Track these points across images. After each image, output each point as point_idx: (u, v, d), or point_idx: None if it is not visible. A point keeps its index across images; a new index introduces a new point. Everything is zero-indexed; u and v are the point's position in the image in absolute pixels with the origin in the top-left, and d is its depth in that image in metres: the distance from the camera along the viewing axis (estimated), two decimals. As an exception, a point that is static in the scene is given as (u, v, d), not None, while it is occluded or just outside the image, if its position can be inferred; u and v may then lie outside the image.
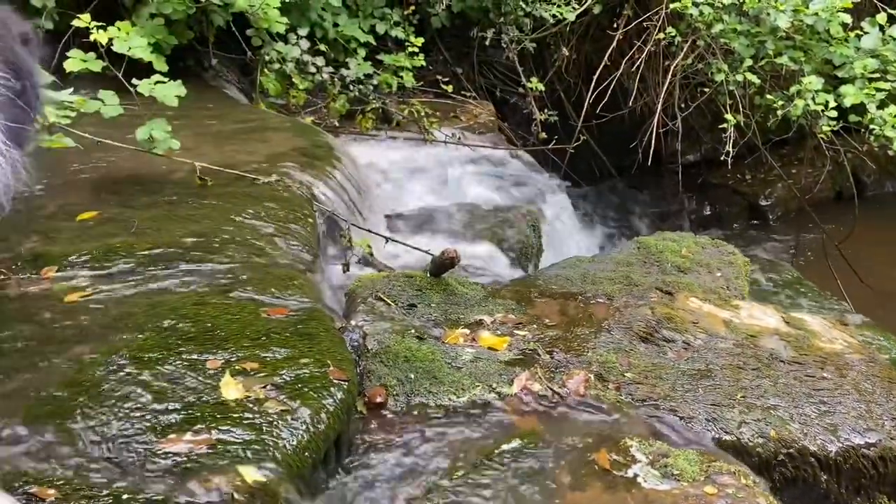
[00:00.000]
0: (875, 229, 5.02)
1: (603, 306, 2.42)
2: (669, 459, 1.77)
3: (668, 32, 3.77)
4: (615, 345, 2.24)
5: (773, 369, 2.23)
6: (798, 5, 3.57)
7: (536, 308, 2.42)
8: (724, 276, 2.87)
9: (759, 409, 2.08)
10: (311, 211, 2.59)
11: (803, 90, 3.51)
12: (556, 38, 4.42)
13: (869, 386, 2.24)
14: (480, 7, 4.32)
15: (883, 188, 5.51)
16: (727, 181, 5.31)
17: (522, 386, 2.03)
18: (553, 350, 2.20)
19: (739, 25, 3.60)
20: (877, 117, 3.48)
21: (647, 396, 2.07)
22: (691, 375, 2.16)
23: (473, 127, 3.99)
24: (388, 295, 2.31)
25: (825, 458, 2.04)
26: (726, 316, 2.42)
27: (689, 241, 3.09)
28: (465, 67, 4.62)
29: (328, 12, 4.03)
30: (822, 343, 2.41)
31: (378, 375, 2.03)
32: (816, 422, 2.09)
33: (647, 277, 2.75)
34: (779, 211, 5.21)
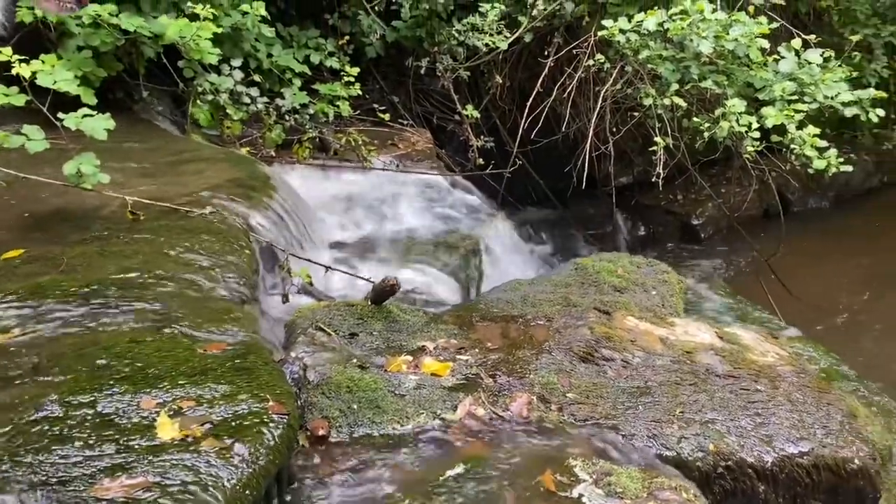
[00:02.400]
0: (802, 244, 5.22)
1: (543, 328, 2.45)
2: (612, 478, 1.79)
3: (597, 59, 3.88)
4: (556, 366, 2.26)
5: (709, 384, 2.29)
6: (719, 32, 3.71)
7: (478, 332, 2.43)
8: (659, 295, 2.94)
9: (698, 424, 2.12)
10: (248, 242, 2.56)
11: (727, 112, 3.64)
12: (490, 66, 4.49)
13: (800, 396, 2.32)
14: (414, 37, 4.37)
15: (807, 205, 5.75)
16: (660, 202, 5.46)
17: (466, 411, 2.04)
18: (496, 373, 2.21)
19: (665, 51, 3.72)
20: (796, 137, 3.63)
21: (588, 416, 2.09)
22: (631, 393, 2.19)
23: (411, 154, 4.02)
24: (328, 325, 2.29)
25: (762, 468, 2.09)
26: (662, 333, 2.48)
27: (625, 261, 3.17)
28: (402, 96, 4.66)
29: (262, 43, 4.02)
30: (755, 356, 2.49)
31: (320, 407, 2.00)
32: (752, 433, 2.14)
33: (585, 298, 2.81)
34: (710, 229, 5.37)
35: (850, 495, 2.21)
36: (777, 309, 4.16)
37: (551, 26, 4.28)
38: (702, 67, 3.76)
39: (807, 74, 3.75)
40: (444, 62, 4.28)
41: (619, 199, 5.38)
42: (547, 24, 4.26)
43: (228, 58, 3.79)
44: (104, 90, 3.53)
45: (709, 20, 3.63)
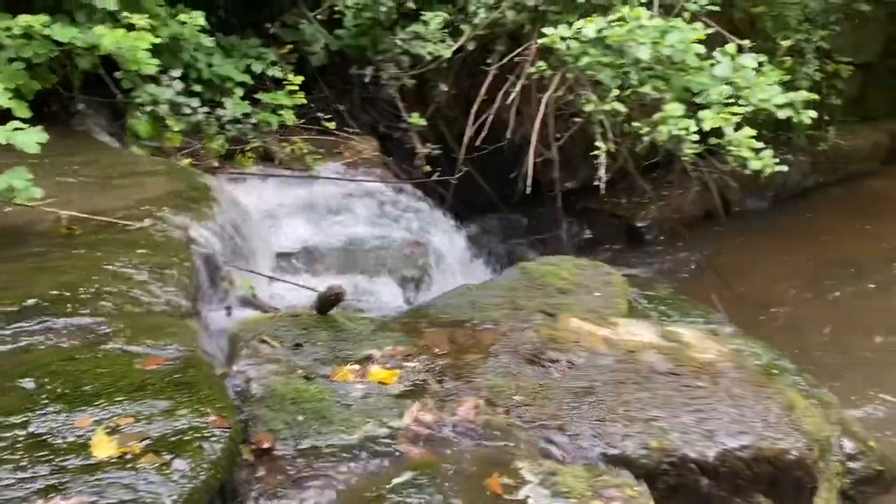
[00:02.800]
0: (743, 243, 5.37)
1: (490, 332, 2.47)
2: (558, 478, 1.81)
3: (538, 66, 3.93)
4: (503, 369, 2.28)
5: (652, 382, 2.33)
6: (657, 38, 3.79)
7: (426, 338, 2.43)
8: (603, 296, 2.99)
9: (641, 422, 2.16)
10: (189, 255, 2.51)
11: (666, 116, 3.71)
12: (435, 74, 4.51)
13: (740, 391, 2.38)
14: (358, 45, 4.37)
15: (746, 205, 5.90)
16: (605, 206, 5.54)
17: (414, 417, 2.03)
18: (443, 379, 2.21)
19: (604, 58, 3.79)
20: (733, 139, 3.72)
21: (535, 417, 2.11)
22: (576, 393, 2.22)
23: (358, 162, 4.00)
24: (272, 336, 2.26)
25: (704, 463, 2.13)
26: (606, 333, 2.52)
27: (570, 263, 3.21)
28: (348, 104, 4.64)
29: (201, 53, 3.96)
30: (696, 353, 2.54)
31: (264, 420, 1.97)
32: (694, 429, 2.19)
33: (531, 301, 2.83)
34: (654, 231, 5.47)
35: (788, 486, 2.27)
36: (720, 307, 4.26)
37: (494, 34, 4.32)
38: (641, 73, 3.84)
39: (742, 78, 3.85)
40: (388, 70, 4.28)
41: (565, 204, 5.45)
42: (489, 32, 4.30)
43: (167, 68, 3.73)
44: (39, 103, 3.43)
45: (646, 26, 3.71)
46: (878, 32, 6.78)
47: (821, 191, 6.20)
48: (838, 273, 4.96)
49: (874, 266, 5.05)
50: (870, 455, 2.92)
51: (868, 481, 2.88)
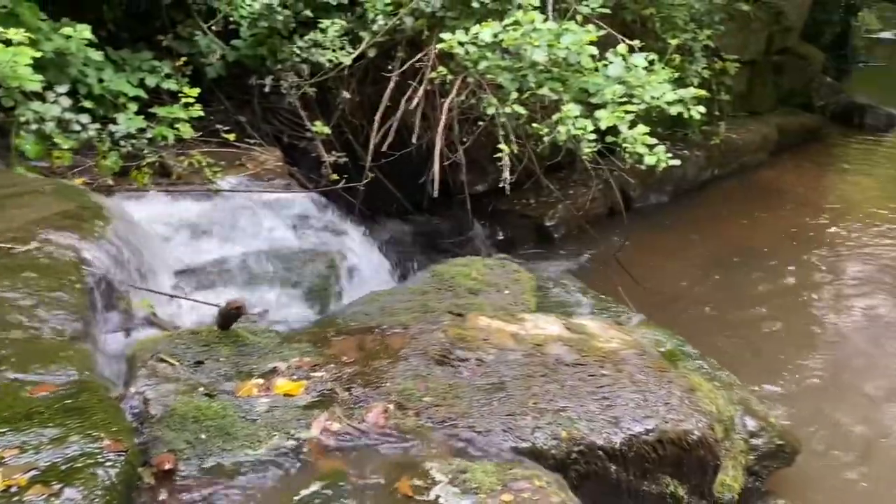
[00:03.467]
0: (646, 237, 5.55)
1: (399, 336, 2.46)
2: (468, 475, 1.82)
3: (439, 71, 3.96)
4: (413, 371, 2.27)
5: (559, 373, 2.38)
6: (551, 41, 3.87)
7: (334, 347, 2.41)
8: (511, 293, 3.04)
9: (550, 413, 2.20)
10: (80, 276, 2.40)
11: (564, 117, 3.79)
12: (337, 81, 4.48)
13: (643, 377, 2.46)
14: (256, 55, 4.29)
15: (648, 200, 6.11)
16: (514, 206, 5.63)
17: (322, 427, 2.00)
18: (351, 386, 2.19)
19: (503, 62, 3.85)
20: (628, 136, 3.83)
21: (446, 417, 2.12)
22: (486, 390, 2.24)
23: (261, 174, 3.93)
24: (171, 355, 2.19)
25: (612, 449, 2.20)
26: (514, 329, 2.55)
27: (479, 264, 3.25)
28: (249, 115, 4.55)
29: (91, 67, 3.81)
30: (601, 343, 2.61)
31: (165, 441, 1.91)
32: (601, 417, 2.25)
33: (442, 303, 2.85)
34: (562, 229, 5.59)
35: (693, 465, 2.36)
36: (626, 298, 4.39)
37: (394, 41, 4.33)
38: (538, 75, 3.91)
39: (634, 77, 3.97)
40: (288, 79, 4.22)
41: (476, 207, 5.51)
42: (389, 38, 4.30)
43: (53, 84, 3.56)
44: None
45: (541, 30, 3.78)
46: (761, 31, 7.18)
47: (716, 183, 6.48)
48: (735, 260, 5.19)
49: (768, 251, 5.32)
50: (771, 431, 3.06)
51: (770, 456, 3.03)
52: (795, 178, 6.65)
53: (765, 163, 6.92)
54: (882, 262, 5.23)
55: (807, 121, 7.70)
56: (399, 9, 4.18)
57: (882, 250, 5.38)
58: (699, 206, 6.09)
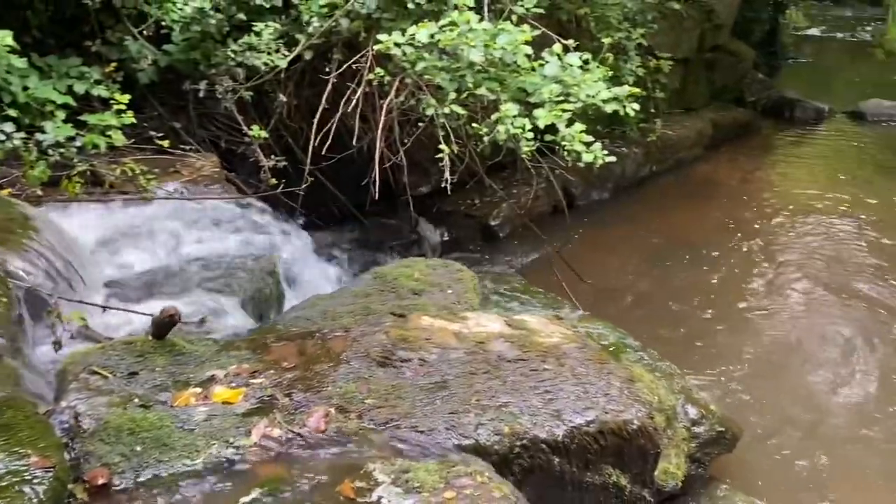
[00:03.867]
0: (589, 233, 5.64)
1: (340, 339, 2.44)
2: (411, 474, 1.82)
3: (376, 73, 3.95)
4: (354, 374, 2.26)
5: (501, 370, 2.39)
6: (487, 41, 3.90)
7: (273, 353, 2.38)
8: (454, 293, 3.04)
9: (493, 409, 2.21)
10: (6, 289, 2.32)
11: (503, 116, 3.82)
12: (274, 85, 4.43)
13: (583, 370, 2.49)
14: (189, 60, 4.21)
15: (590, 198, 6.20)
16: (459, 207, 5.65)
17: (262, 434, 1.98)
18: (292, 392, 2.17)
19: (440, 62, 3.86)
20: (566, 135, 3.88)
21: (388, 418, 2.11)
22: (429, 390, 2.24)
23: (197, 180, 3.85)
24: (104, 367, 2.13)
25: (554, 442, 2.22)
26: (456, 328, 2.56)
27: (421, 265, 3.25)
28: (184, 121, 4.46)
29: (14, 75, 3.68)
30: (542, 338, 2.63)
31: (99, 455, 1.85)
32: (543, 410, 2.27)
33: (384, 305, 2.84)
34: (507, 228, 5.63)
35: (634, 454, 2.40)
36: (570, 294, 4.46)
37: (330, 43, 4.30)
38: (476, 75, 3.93)
39: (570, 76, 4.02)
40: (223, 84, 4.15)
41: (421, 208, 5.51)
42: (326, 40, 4.27)
43: (-28, 93, 3.44)
44: None
45: (476, 30, 3.81)
46: (693, 30, 7.36)
47: (654, 179, 6.62)
48: (674, 253, 5.31)
49: (706, 244, 5.46)
50: (711, 419, 3.15)
51: (712, 443, 3.11)
52: (730, 171, 6.84)
53: (700, 157, 7.10)
54: (816, 251, 5.42)
55: (739, 116, 7.93)
56: (334, 11, 4.15)
57: (815, 239, 5.58)
58: (639, 201, 6.21)
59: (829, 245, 5.49)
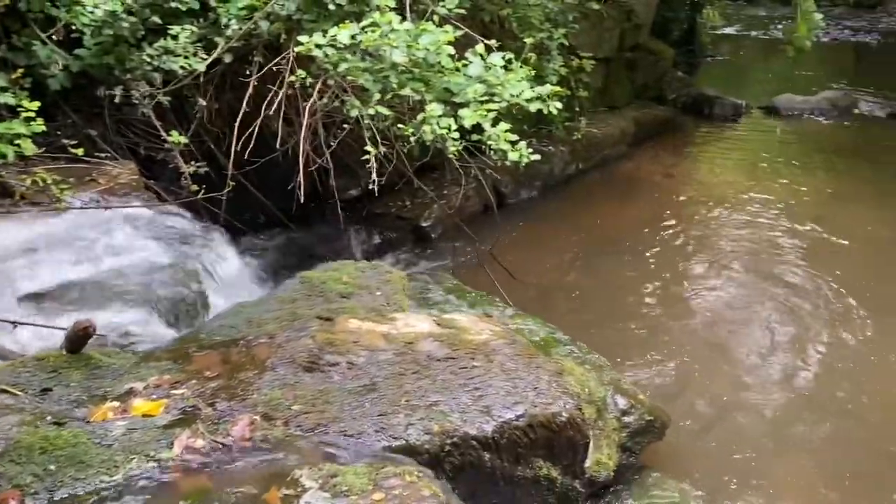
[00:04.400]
0: (519, 232, 5.70)
1: (265, 346, 2.40)
2: (339, 478, 1.79)
3: (298, 75, 3.90)
4: (280, 381, 2.22)
5: (431, 369, 2.39)
6: (410, 42, 3.90)
7: (196, 363, 2.32)
8: (383, 295, 3.03)
9: (423, 409, 2.21)
10: None
11: (428, 117, 3.82)
12: (194, 89, 4.32)
13: (513, 365, 2.51)
14: (102, 65, 4.06)
15: (519, 196, 6.27)
16: (390, 209, 5.63)
17: (184, 446, 1.92)
18: (215, 401, 2.12)
19: (363, 63, 3.83)
20: (492, 134, 3.91)
21: (316, 424, 2.08)
22: (357, 393, 2.22)
23: (115, 189, 3.72)
24: (13, 385, 2.03)
25: (484, 438, 2.23)
26: (384, 330, 2.55)
27: (350, 268, 3.22)
28: (100, 128, 4.30)
29: (-89, 83, 3.48)
30: (472, 336, 2.64)
31: (9, 476, 1.77)
32: (473, 407, 2.28)
33: (311, 310, 2.80)
34: (439, 229, 5.64)
35: (564, 446, 2.44)
36: (502, 292, 4.50)
37: (250, 45, 4.22)
38: (400, 76, 3.92)
39: (493, 76, 4.06)
40: (139, 89, 4.02)
41: (350, 211, 5.46)
42: (245, 43, 4.19)
43: None
44: None
45: (398, 31, 3.80)
46: (614, 29, 7.54)
47: (581, 176, 6.74)
48: (602, 248, 5.42)
49: (633, 238, 5.59)
50: (640, 408, 3.22)
51: (642, 432, 3.18)
52: (653, 167, 7.03)
53: (625, 155, 7.26)
54: (736, 240, 5.62)
55: (660, 113, 8.15)
56: (253, 13, 4.07)
57: (737, 230, 5.78)
58: (567, 199, 6.31)
59: (749, 233, 5.70)
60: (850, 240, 5.56)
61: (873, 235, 5.66)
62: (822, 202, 6.26)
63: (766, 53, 12.45)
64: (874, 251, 5.43)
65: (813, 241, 5.54)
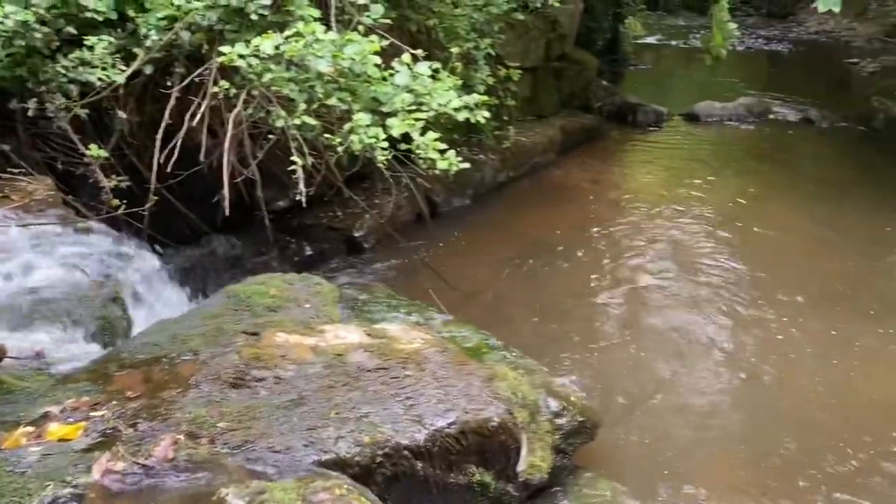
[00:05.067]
0: (453, 240, 5.73)
1: (189, 363, 2.34)
2: (266, 495, 1.76)
3: (221, 85, 3.83)
4: (205, 398, 2.17)
5: (361, 380, 2.38)
6: (335, 52, 3.88)
7: (117, 383, 2.24)
8: (313, 307, 3.00)
9: (353, 421, 2.19)
10: None
11: (356, 126, 3.81)
12: (113, 101, 4.19)
13: (444, 372, 2.52)
14: (14, 77, 3.90)
15: (451, 205, 6.30)
16: (321, 220, 5.57)
17: (103, 469, 1.85)
18: (137, 422, 2.05)
19: (287, 73, 3.79)
20: (421, 143, 3.93)
21: (243, 441, 2.04)
22: (285, 408, 2.19)
23: (30, 205, 3.57)
24: (-85, 414, 1.92)
25: (417, 447, 2.23)
26: (313, 342, 2.52)
27: (277, 280, 3.17)
28: (13, 142, 4.12)
29: None
30: (403, 345, 2.64)
31: (-89, 513, 1.67)
32: (404, 417, 2.27)
33: (238, 324, 2.75)
34: (372, 239, 5.61)
35: (496, 451, 2.46)
36: (437, 300, 4.51)
37: (171, 56, 4.12)
38: (326, 86, 3.90)
39: (421, 86, 4.08)
40: (55, 102, 3.88)
41: (280, 223, 5.39)
42: (167, 54, 4.09)
43: None
44: None
45: (323, 41, 3.78)
46: (540, 39, 7.68)
47: (512, 184, 6.84)
48: (534, 254, 5.50)
49: (564, 243, 5.69)
50: (573, 410, 3.26)
51: (574, 433, 3.23)
52: (582, 174, 7.18)
53: (554, 162, 7.40)
54: (665, 243, 5.77)
55: (587, 121, 8.34)
56: (174, 23, 3.98)
57: (663, 232, 5.95)
58: (498, 206, 6.38)
59: (675, 235, 5.88)
60: (770, 237, 5.80)
61: (790, 233, 5.92)
62: (742, 203, 6.51)
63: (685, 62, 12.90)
64: (792, 248, 5.68)
65: (734, 240, 5.76)
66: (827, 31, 15.44)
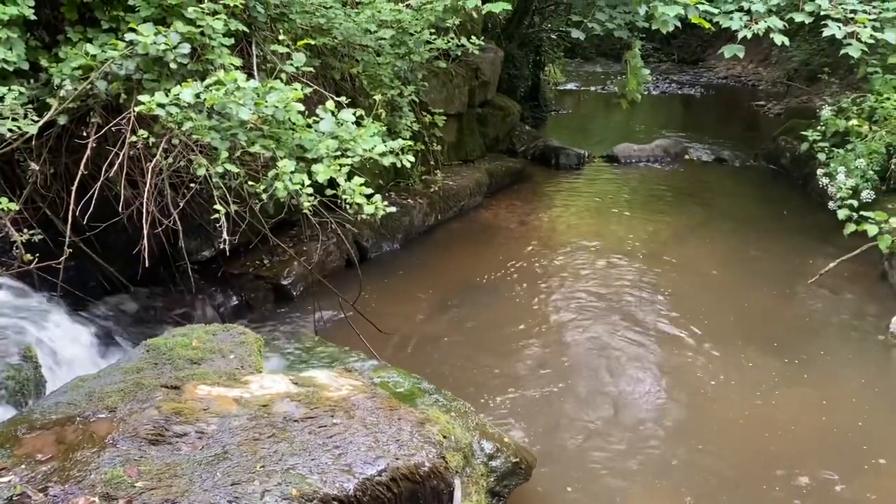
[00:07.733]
0: (383, 284, 5.71)
1: (106, 422, 2.24)
2: (187, 556, 1.69)
3: (139, 135, 3.76)
4: (122, 457, 2.07)
5: (288, 431, 2.32)
6: (257, 100, 3.87)
7: (26, 446, 2.12)
8: (237, 358, 2.92)
9: (279, 473, 2.13)
10: None
11: (280, 173, 3.79)
12: (26, 153, 4.05)
13: (374, 419, 2.48)
14: (-83, 127, 3.74)
15: (381, 249, 6.30)
16: (248, 269, 5.47)
17: (9, 540, 1.74)
18: (48, 486, 1.94)
19: (209, 121, 3.76)
20: (347, 188, 3.93)
21: (163, 500, 1.95)
22: (208, 463, 2.11)
23: (-68, 262, 3.39)
24: None
25: (346, 497, 2.18)
26: (236, 394, 2.45)
27: (200, 332, 3.09)
28: (-85, 197, 3.92)
29: None
30: (331, 393, 2.60)
31: None
32: (333, 467, 2.22)
33: (159, 378, 2.65)
34: (300, 286, 5.54)
35: (428, 496, 2.42)
36: (368, 345, 4.46)
37: (87, 106, 4.03)
38: (249, 133, 3.88)
39: (345, 132, 4.10)
40: (-39, 154, 3.73)
41: (205, 273, 5.27)
42: (82, 104, 3.99)
43: None
44: None
45: (244, 88, 3.77)
46: (463, 86, 7.86)
47: (440, 227, 6.90)
48: (464, 295, 5.54)
49: (492, 284, 5.75)
50: (506, 451, 3.26)
51: (509, 475, 3.22)
52: (508, 215, 7.31)
53: (481, 205, 7.52)
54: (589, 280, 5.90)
55: (512, 165, 8.53)
56: (89, 73, 3.91)
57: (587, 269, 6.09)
58: (428, 250, 6.42)
59: (598, 271, 6.03)
60: (688, 272, 6.01)
61: (709, 266, 6.14)
62: (661, 240, 6.73)
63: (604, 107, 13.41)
64: (709, 282, 5.89)
65: (654, 275, 5.93)
66: (735, 75, 16.35)
